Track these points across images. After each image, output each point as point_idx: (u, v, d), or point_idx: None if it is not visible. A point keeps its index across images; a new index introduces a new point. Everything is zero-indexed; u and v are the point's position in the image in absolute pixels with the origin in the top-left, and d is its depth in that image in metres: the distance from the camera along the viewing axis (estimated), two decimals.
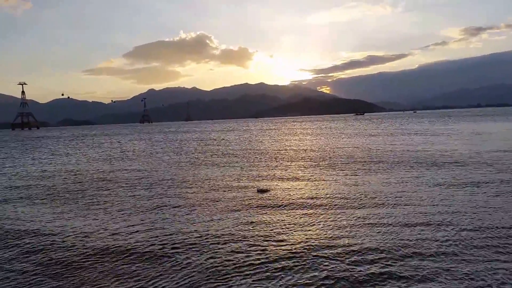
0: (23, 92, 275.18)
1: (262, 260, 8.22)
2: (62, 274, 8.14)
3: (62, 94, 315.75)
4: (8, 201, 16.13)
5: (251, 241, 9.40)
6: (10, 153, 45.08)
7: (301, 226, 10.48)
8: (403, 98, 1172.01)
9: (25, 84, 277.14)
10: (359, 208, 12.24)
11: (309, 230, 10.14)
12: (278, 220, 11.21)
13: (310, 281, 7.20)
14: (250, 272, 7.73)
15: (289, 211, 12.25)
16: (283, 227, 10.49)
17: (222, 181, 18.25)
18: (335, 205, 12.72)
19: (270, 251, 8.76)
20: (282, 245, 9.05)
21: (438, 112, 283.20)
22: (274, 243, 9.21)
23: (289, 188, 15.93)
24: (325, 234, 9.72)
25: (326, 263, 7.96)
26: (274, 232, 10.03)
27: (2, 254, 9.50)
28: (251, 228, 10.45)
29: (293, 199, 13.78)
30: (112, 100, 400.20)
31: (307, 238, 9.46)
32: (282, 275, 7.53)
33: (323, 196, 14.15)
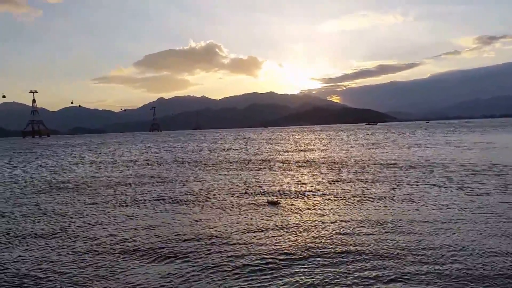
0: (34, 100, 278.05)
1: (276, 280, 7.94)
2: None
3: (72, 102, 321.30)
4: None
5: (262, 258, 9.01)
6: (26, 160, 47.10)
7: (314, 243, 10.00)
8: (415, 108, 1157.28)
9: (36, 92, 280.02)
10: (375, 222, 11.71)
11: (323, 246, 9.73)
12: (290, 236, 10.68)
13: None
14: None
15: (301, 225, 11.65)
16: (294, 243, 10.04)
17: (230, 193, 17.64)
18: (351, 220, 12.09)
19: (282, 268, 8.47)
20: (295, 263, 8.69)
21: (451, 122, 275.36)
22: (286, 260, 8.85)
23: (300, 201, 15.26)
24: (341, 251, 9.36)
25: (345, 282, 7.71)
26: (286, 248, 9.66)
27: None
28: (261, 245, 10.00)
29: (305, 213, 13.22)
30: (121, 109, 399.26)
31: (320, 255, 9.11)
32: None
33: (337, 211, 13.42)
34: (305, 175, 23.12)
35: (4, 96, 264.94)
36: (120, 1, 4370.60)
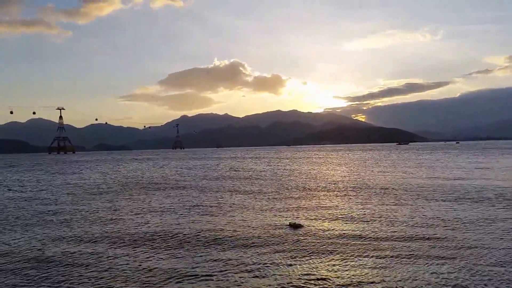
0: (60, 116, 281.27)
1: None
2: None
3: (96, 119, 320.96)
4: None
5: (280, 284, 8.62)
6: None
7: (339, 268, 9.53)
8: (444, 128, 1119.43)
9: (63, 109, 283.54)
10: (405, 247, 11.16)
11: (350, 273, 9.24)
12: (312, 262, 10.05)
13: None
14: None
15: (323, 250, 11.03)
16: (317, 269, 9.54)
17: (251, 214, 16.98)
18: (378, 246, 11.35)
19: None
20: None
21: (483, 143, 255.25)
22: (307, 285, 8.47)
23: (324, 225, 14.36)
24: (369, 278, 8.89)
25: None
26: (307, 275, 9.12)
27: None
28: (281, 271, 9.44)
29: (330, 238, 12.44)
30: (144, 126, 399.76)
31: (348, 283, 8.67)
32: None
33: (364, 235, 12.64)
34: (330, 197, 21.77)
35: (34, 113, 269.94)
36: (147, 22, 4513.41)
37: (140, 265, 10.19)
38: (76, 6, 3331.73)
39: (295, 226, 13.93)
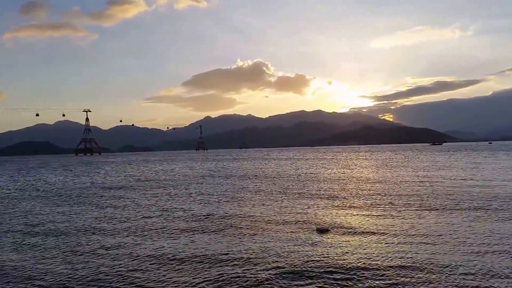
0: (87, 118, 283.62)
1: None
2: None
3: (121, 121, 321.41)
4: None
5: None
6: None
7: (370, 275, 9.20)
8: (476, 127, 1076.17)
9: (89, 111, 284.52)
10: (432, 256, 10.48)
11: (381, 279, 8.98)
12: (342, 268, 9.69)
13: None
14: None
15: (352, 256, 10.64)
16: (344, 274, 9.27)
17: (276, 217, 16.46)
18: (408, 253, 10.83)
19: None
20: None
21: None
22: None
23: (353, 229, 13.78)
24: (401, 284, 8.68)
25: None
26: (335, 280, 9.00)
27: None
28: (310, 278, 9.21)
29: (357, 243, 12.00)
30: (167, 127, 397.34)
31: None
32: None
33: (394, 242, 12.02)
34: (359, 201, 20.79)
35: (63, 115, 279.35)
36: (171, 23, 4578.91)
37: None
38: (101, 9, 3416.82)
39: (322, 231, 13.49)
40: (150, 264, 10.54)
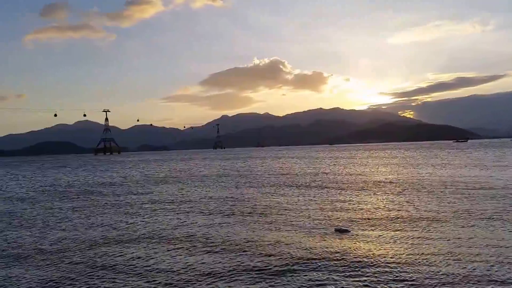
0: (106, 118, 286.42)
1: None
2: None
3: (138, 120, 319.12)
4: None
5: None
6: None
7: (386, 279, 8.93)
8: (499, 124, 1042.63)
9: (108, 111, 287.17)
10: (457, 256, 10.24)
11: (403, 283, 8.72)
12: (358, 269, 9.52)
13: None
14: None
15: (372, 258, 10.31)
16: (368, 279, 8.92)
17: (294, 217, 16.07)
18: (431, 254, 10.49)
19: None
20: None
21: None
22: None
23: (372, 230, 13.37)
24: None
25: None
26: (353, 283, 8.79)
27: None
28: (327, 279, 9.07)
29: (377, 244, 11.65)
30: (184, 126, 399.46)
31: None
32: None
33: (416, 243, 11.62)
34: (379, 200, 20.25)
35: (84, 115, 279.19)
36: (187, 22, 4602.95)
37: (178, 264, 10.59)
38: (119, 10, 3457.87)
39: (341, 231, 13.22)
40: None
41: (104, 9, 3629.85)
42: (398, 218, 15.33)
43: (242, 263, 10.27)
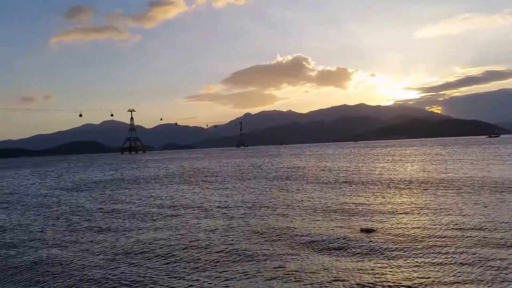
0: (131, 118, 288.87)
1: None
2: None
3: (161, 119, 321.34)
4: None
5: None
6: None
7: (414, 279, 8.67)
8: None
9: (133, 111, 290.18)
10: (488, 257, 9.84)
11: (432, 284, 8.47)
12: (388, 271, 9.19)
13: None
14: None
15: (399, 258, 9.99)
16: (395, 281, 8.65)
17: (317, 216, 15.70)
18: (458, 254, 10.16)
19: None
20: None
21: None
22: None
23: (399, 230, 12.84)
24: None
25: None
26: (380, 283, 8.54)
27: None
28: (354, 279, 8.81)
29: (404, 244, 11.18)
30: (207, 125, 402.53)
31: None
32: None
33: (444, 243, 11.16)
34: (406, 199, 19.28)
35: (112, 115, 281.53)
36: (210, 22, 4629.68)
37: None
38: (142, 11, 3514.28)
39: (367, 231, 12.84)
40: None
41: (128, 10, 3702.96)
42: (429, 219, 14.27)
43: (265, 262, 10.14)
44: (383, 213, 15.80)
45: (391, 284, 8.32)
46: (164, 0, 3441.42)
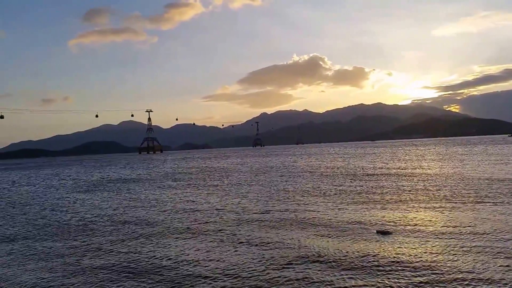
0: (149, 118, 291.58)
1: None
2: None
3: (176, 119, 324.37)
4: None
5: None
6: None
7: (431, 282, 8.57)
8: None
9: (151, 111, 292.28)
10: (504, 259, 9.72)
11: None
12: (400, 273, 9.12)
13: None
14: None
15: (415, 261, 9.85)
16: (407, 282, 8.62)
17: (334, 218, 15.61)
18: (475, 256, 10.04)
19: None
20: None
21: None
22: None
23: (416, 233, 12.69)
24: None
25: None
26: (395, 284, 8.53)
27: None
28: (370, 281, 8.74)
29: (421, 247, 11.03)
30: (223, 125, 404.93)
31: None
32: None
33: (462, 247, 10.93)
34: (424, 201, 18.82)
35: (132, 115, 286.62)
36: (226, 23, 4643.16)
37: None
38: (160, 13, 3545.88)
39: (383, 233, 12.78)
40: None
41: (145, 12, 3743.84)
42: (445, 222, 13.99)
43: (280, 263, 10.15)
44: (402, 216, 15.39)
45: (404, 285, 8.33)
46: (180, 1, 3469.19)
